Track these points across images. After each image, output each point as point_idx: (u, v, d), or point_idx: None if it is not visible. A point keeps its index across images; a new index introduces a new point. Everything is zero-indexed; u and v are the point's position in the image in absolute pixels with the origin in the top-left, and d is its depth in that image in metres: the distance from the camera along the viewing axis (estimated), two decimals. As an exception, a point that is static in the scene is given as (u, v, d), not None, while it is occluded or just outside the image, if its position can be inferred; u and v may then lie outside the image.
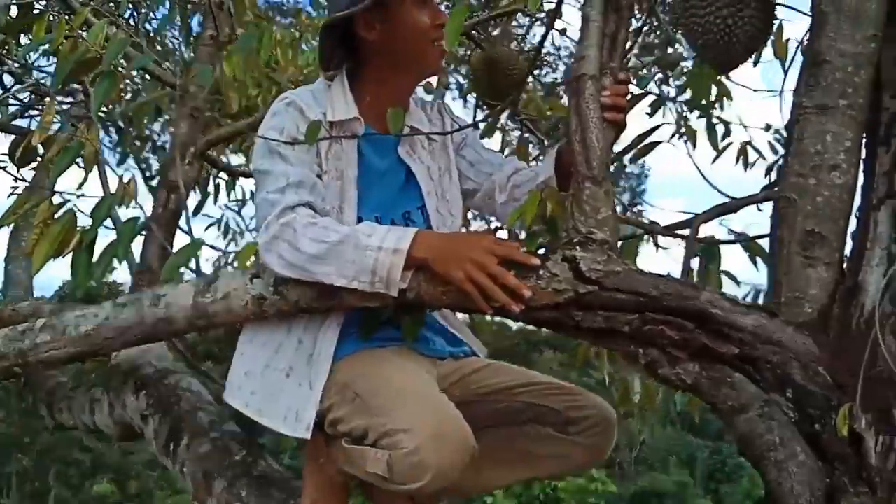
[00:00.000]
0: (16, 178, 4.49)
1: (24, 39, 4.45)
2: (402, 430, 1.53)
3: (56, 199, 2.02)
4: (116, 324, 1.80)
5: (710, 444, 39.82)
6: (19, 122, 4.96)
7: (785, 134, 3.05)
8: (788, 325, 1.47)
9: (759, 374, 1.45)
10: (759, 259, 2.07)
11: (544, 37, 2.04)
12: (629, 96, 1.73)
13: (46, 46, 2.07)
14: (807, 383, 1.42)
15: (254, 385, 1.81)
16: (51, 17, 2.89)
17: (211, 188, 4.48)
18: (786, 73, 2.53)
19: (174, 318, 1.78)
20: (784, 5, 2.07)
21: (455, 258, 1.59)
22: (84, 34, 1.96)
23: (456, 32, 1.76)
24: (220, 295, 1.76)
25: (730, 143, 3.14)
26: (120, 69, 2.05)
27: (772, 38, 2.56)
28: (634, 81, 2.02)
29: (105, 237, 2.10)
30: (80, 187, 1.97)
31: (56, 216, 1.98)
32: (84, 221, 1.98)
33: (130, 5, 4.71)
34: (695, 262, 2.57)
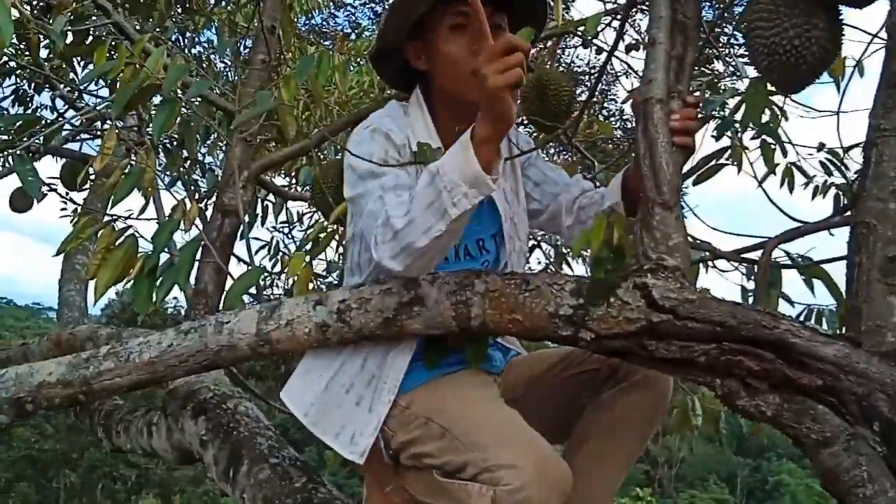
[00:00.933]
0: (64, 200, 4.57)
1: (76, 64, 4.53)
2: (505, 467, 1.51)
3: (116, 225, 2.03)
4: (180, 351, 1.80)
5: (751, 461, 39.32)
6: (69, 145, 5.05)
7: (840, 154, 3.00)
8: (873, 356, 1.42)
9: (843, 406, 1.40)
10: (814, 283, 2.01)
11: (607, 61, 2.02)
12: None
13: (106, 72, 2.08)
14: (894, 416, 1.37)
15: (314, 396, 1.80)
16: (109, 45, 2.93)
17: (259, 210, 4.52)
18: (843, 92, 2.47)
19: (237, 345, 1.77)
20: (852, 26, 2.02)
21: (495, 109, 1.49)
22: (139, 61, 1.97)
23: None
24: (284, 322, 1.75)
25: (777, 164, 3.06)
26: (178, 95, 2.06)
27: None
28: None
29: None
30: (141, 213, 1.97)
31: (118, 242, 1.99)
32: (144, 246, 2.00)
33: (177, 30, 4.78)
34: (749, 284, 2.52)
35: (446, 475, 1.62)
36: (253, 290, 2.02)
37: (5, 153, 2.31)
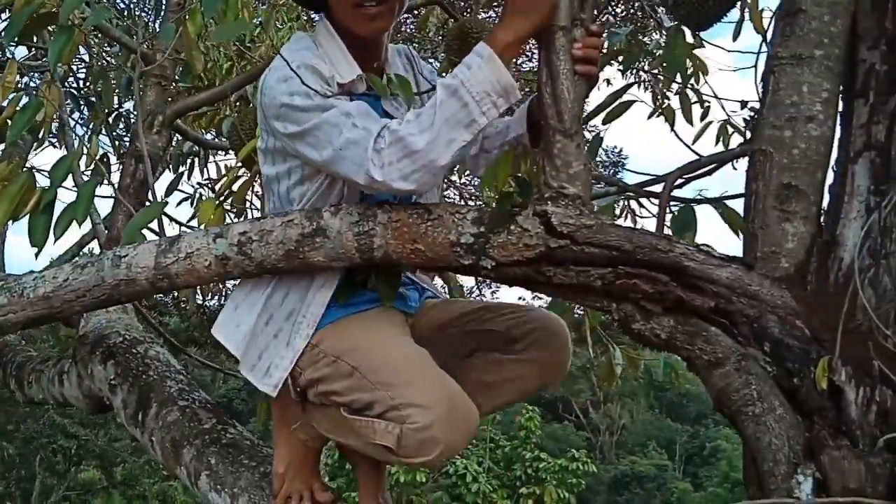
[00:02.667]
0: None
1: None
2: (412, 406, 1.52)
3: (12, 159, 1.96)
4: (76, 286, 1.74)
5: (689, 428, 40.25)
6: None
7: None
8: (765, 278, 1.44)
9: (735, 327, 1.42)
10: (738, 227, 2.03)
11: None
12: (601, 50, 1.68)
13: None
14: (784, 336, 1.39)
15: (242, 330, 1.77)
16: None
17: (186, 166, 4.42)
18: (762, 43, 2.49)
19: (136, 279, 1.72)
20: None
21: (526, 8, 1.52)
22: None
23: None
24: (183, 255, 1.70)
25: (710, 123, 3.07)
26: (81, 28, 1.98)
27: (748, 11, 2.52)
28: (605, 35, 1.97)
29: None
30: (38, 146, 1.90)
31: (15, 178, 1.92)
32: (45, 185, 1.93)
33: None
34: (668, 233, 2.55)
35: (353, 412, 1.62)
36: (155, 226, 1.96)
37: None
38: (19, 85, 2.13)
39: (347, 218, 1.64)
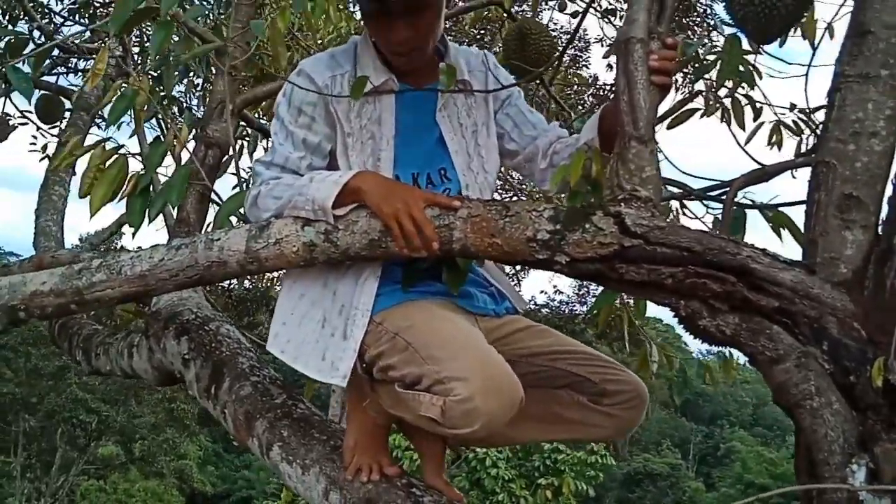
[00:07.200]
0: (40, 132, 4.55)
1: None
2: (455, 379, 1.62)
3: (107, 145, 2.08)
4: (171, 265, 1.86)
5: (704, 428, 40.17)
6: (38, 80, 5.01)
7: (809, 113, 3.10)
8: (826, 283, 1.53)
9: (796, 327, 1.51)
10: (782, 230, 2.12)
11: (583, 15, 2.10)
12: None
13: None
14: (843, 337, 1.49)
15: (290, 333, 1.90)
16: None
17: (237, 147, 4.54)
18: (813, 53, 2.58)
19: (227, 261, 1.84)
20: (824, -19, 2.12)
21: (388, 197, 1.73)
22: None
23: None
24: (273, 241, 1.82)
25: (761, 124, 3.15)
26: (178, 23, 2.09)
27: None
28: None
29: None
30: (132, 136, 2.02)
31: (109, 162, 2.04)
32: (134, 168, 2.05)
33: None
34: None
35: (406, 387, 1.73)
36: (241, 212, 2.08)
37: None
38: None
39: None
